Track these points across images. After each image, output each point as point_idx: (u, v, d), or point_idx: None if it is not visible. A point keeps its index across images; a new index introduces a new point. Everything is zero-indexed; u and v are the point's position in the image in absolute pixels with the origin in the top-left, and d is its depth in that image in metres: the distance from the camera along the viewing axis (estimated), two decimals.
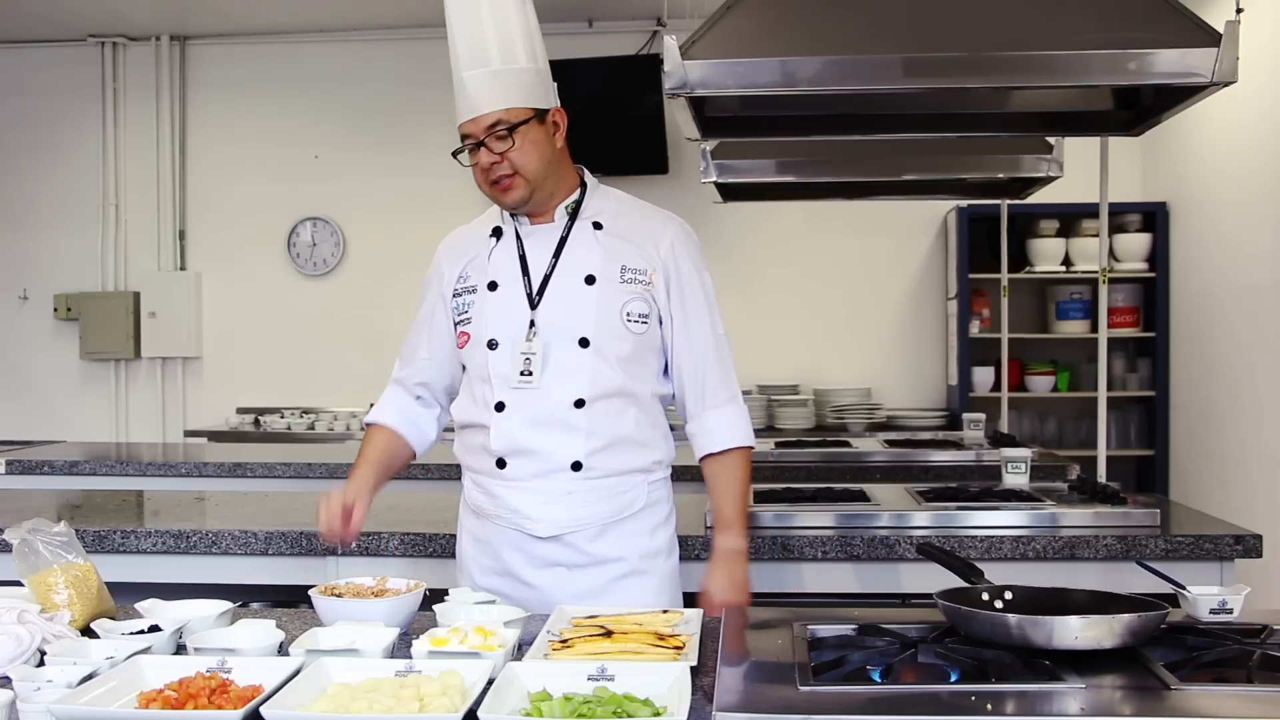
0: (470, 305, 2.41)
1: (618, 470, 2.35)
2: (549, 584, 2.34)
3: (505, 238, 2.43)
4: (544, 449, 2.31)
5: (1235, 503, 5.13)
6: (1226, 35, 2.29)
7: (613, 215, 2.43)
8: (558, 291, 2.35)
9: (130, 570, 2.81)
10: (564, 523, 2.34)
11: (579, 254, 2.37)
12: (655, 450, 2.41)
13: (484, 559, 2.43)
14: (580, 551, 2.35)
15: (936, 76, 2.16)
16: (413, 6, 6.55)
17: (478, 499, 2.43)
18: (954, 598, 1.85)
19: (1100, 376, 3.54)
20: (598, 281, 2.34)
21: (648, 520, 2.40)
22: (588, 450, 2.32)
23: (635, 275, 2.37)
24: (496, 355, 2.35)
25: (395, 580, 2.16)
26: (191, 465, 4.52)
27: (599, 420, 2.32)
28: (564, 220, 2.41)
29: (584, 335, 2.32)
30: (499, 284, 2.39)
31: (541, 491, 2.33)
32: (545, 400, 2.32)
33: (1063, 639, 1.66)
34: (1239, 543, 2.81)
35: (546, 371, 2.31)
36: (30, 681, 1.63)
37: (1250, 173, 5.12)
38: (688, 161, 6.30)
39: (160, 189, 7.22)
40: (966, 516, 2.95)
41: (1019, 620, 1.69)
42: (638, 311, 2.35)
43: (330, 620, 2.00)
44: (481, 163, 2.34)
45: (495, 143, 2.32)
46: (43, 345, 7.34)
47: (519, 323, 2.35)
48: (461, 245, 2.50)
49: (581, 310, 2.33)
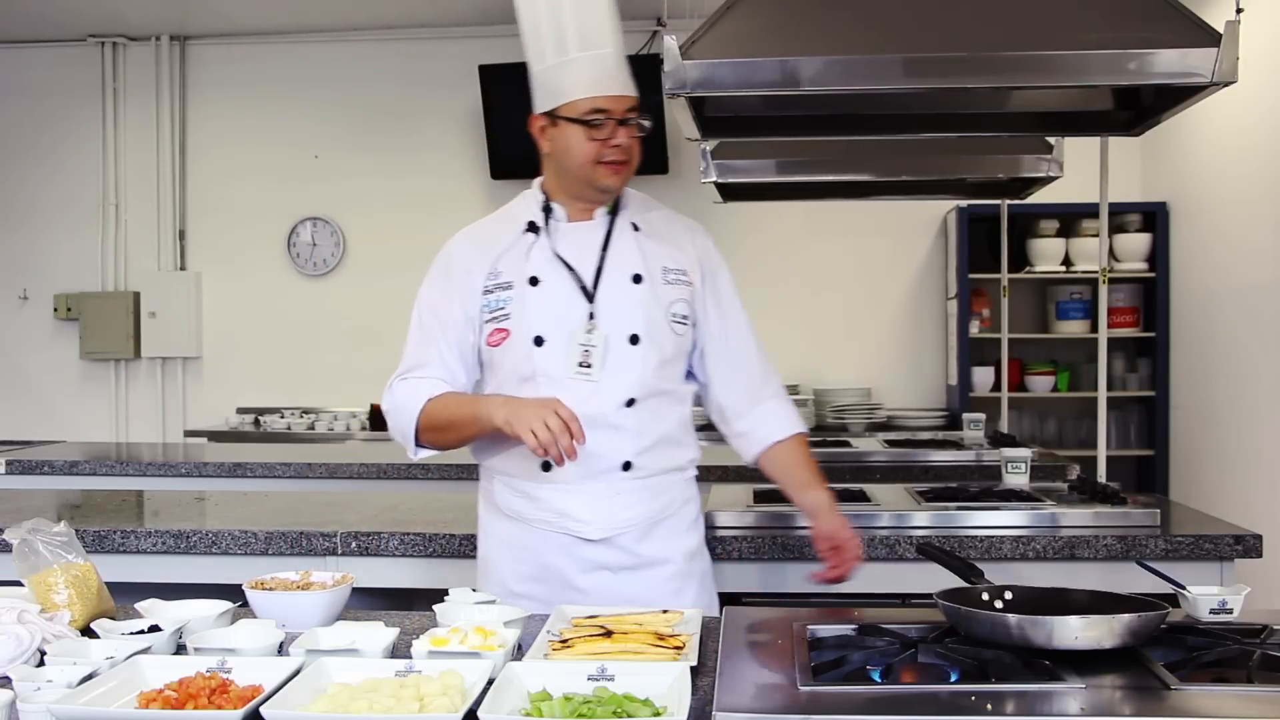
0: (507, 301, 2.35)
1: (661, 469, 2.36)
2: (595, 587, 2.32)
3: (543, 234, 2.38)
4: (595, 449, 2.27)
5: (1235, 503, 5.13)
6: (1226, 35, 2.29)
7: (645, 218, 2.43)
8: (609, 288, 2.33)
9: (130, 570, 2.81)
10: (614, 524, 2.32)
11: (623, 253, 2.36)
12: (691, 449, 2.43)
13: (520, 564, 2.38)
14: (629, 553, 2.33)
15: (937, 76, 2.16)
16: (413, 6, 6.55)
17: (514, 503, 2.38)
18: (954, 598, 1.85)
19: (1100, 376, 3.54)
20: (644, 280, 2.34)
21: (684, 519, 2.41)
22: (637, 450, 2.31)
23: (677, 276, 2.38)
24: (544, 352, 2.31)
25: (319, 574, 2.17)
26: (191, 465, 4.52)
27: (645, 419, 2.32)
28: (603, 219, 2.40)
29: (634, 332, 2.31)
30: (541, 279, 2.34)
31: (590, 493, 2.31)
32: (597, 399, 2.29)
33: (1063, 639, 1.66)
34: (1239, 543, 2.81)
35: (602, 367, 2.29)
36: (30, 681, 1.63)
37: (1250, 173, 5.12)
38: (688, 161, 6.30)
39: (160, 189, 7.22)
40: (966, 516, 2.95)
41: (1019, 620, 1.69)
42: (681, 313, 2.37)
43: (266, 614, 2.02)
44: (620, 141, 2.31)
45: (628, 127, 2.32)
46: (43, 345, 7.34)
47: (573, 316, 2.31)
48: (486, 241, 2.42)
49: (632, 308, 2.32)
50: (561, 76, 2.30)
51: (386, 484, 4.37)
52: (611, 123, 2.29)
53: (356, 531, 2.91)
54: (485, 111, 6.70)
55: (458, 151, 6.99)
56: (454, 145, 7.00)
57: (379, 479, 4.40)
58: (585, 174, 2.33)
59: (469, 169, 6.98)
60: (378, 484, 4.37)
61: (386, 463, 4.44)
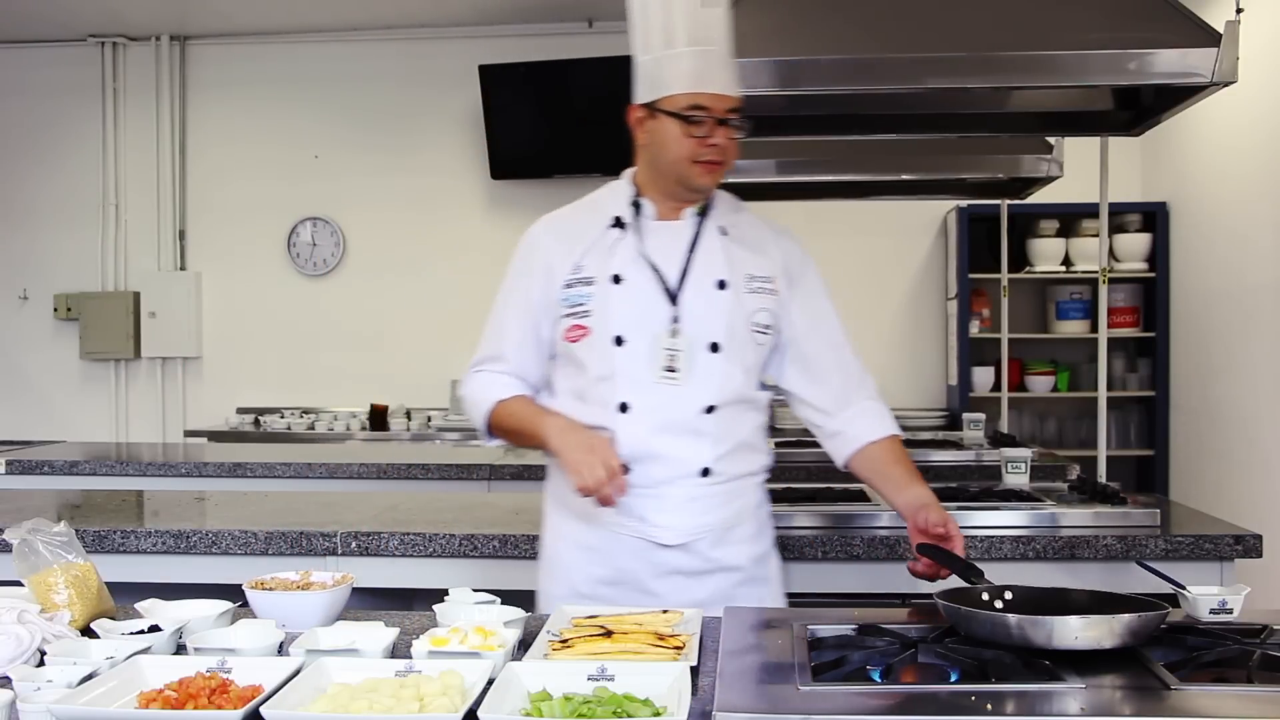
0: (588, 298, 2.29)
1: (738, 474, 2.33)
2: (668, 591, 2.29)
3: (629, 230, 2.32)
4: (674, 454, 2.25)
5: (1235, 503, 5.13)
6: (1226, 35, 2.29)
7: (732, 222, 2.37)
8: (692, 292, 2.28)
9: (130, 570, 2.81)
10: (690, 529, 2.28)
11: (709, 258, 2.31)
12: (764, 454, 2.41)
13: (592, 566, 2.33)
14: (703, 557, 2.30)
15: (937, 76, 2.17)
16: (413, 6, 6.56)
17: (587, 506, 2.29)
18: (954, 598, 1.85)
19: (1100, 376, 3.54)
20: (728, 287, 2.29)
21: (756, 523, 2.39)
22: (715, 455, 2.28)
23: (762, 284, 2.34)
24: (624, 352, 2.26)
25: (319, 574, 2.16)
26: (191, 465, 4.52)
27: (724, 425, 2.28)
28: (691, 221, 2.33)
29: (715, 340, 2.27)
30: (624, 278, 2.28)
31: (667, 497, 2.27)
32: (678, 404, 2.26)
33: (1063, 639, 1.66)
34: (1239, 543, 2.81)
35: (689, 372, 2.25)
36: (30, 681, 1.63)
37: (1250, 173, 5.12)
38: None
39: (160, 189, 7.22)
40: (966, 516, 2.94)
41: (1019, 620, 1.69)
42: (763, 323, 2.33)
43: (266, 614, 2.01)
44: (717, 140, 2.23)
45: (726, 128, 2.24)
46: (43, 345, 7.34)
47: (656, 319, 2.26)
48: (571, 233, 2.35)
49: (714, 314, 2.28)
50: (665, 69, 2.22)
51: (386, 484, 4.37)
52: (710, 121, 2.22)
53: (356, 531, 2.91)
54: (485, 111, 6.71)
55: (458, 151, 7.00)
56: (454, 145, 7.01)
57: (379, 479, 4.40)
58: (679, 171, 2.26)
59: (469, 169, 6.98)
60: (378, 484, 4.37)
61: (386, 463, 4.45)
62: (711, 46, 2.21)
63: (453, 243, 6.99)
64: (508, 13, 6.59)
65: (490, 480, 4.36)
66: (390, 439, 6.55)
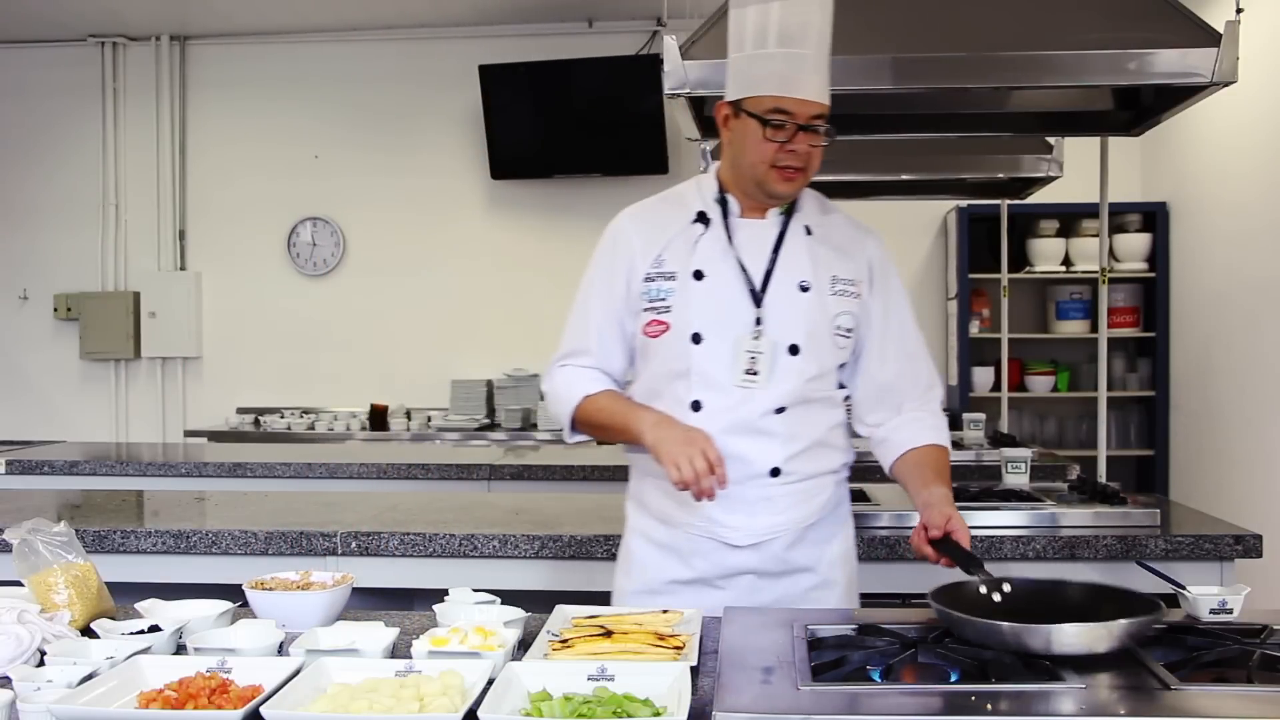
0: (669, 293, 2.25)
1: (812, 474, 2.28)
2: (740, 592, 2.26)
3: (714, 226, 2.27)
4: (743, 454, 2.20)
5: (1235, 503, 5.13)
6: (1226, 35, 2.29)
7: (818, 222, 2.31)
8: (775, 293, 2.23)
9: (130, 570, 2.81)
10: (761, 530, 2.25)
11: (793, 258, 2.26)
12: (844, 452, 2.36)
13: (669, 566, 2.30)
14: (776, 558, 2.26)
15: (937, 76, 2.16)
16: (413, 6, 6.56)
17: (663, 506, 2.29)
18: (948, 599, 1.83)
19: (1100, 376, 3.54)
20: (811, 290, 2.24)
21: (835, 523, 2.35)
22: (786, 455, 2.24)
23: (846, 287, 2.28)
24: (701, 350, 2.22)
25: (319, 574, 2.16)
26: (191, 465, 4.52)
27: (797, 425, 2.24)
28: (776, 219, 2.28)
29: (795, 342, 2.22)
30: (705, 274, 2.24)
31: (736, 498, 2.21)
32: (749, 405, 2.21)
33: (1059, 646, 1.65)
34: (1239, 543, 2.81)
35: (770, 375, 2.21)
36: (30, 681, 1.63)
37: (1250, 173, 5.12)
38: (688, 161, 6.30)
39: (160, 189, 7.22)
40: (966, 516, 2.86)
41: (1013, 628, 1.68)
42: (846, 326, 2.28)
43: (266, 614, 2.01)
44: (798, 148, 2.17)
45: (810, 134, 2.17)
46: (43, 345, 7.34)
47: (737, 320, 2.22)
48: (655, 225, 2.31)
49: (795, 317, 2.23)
50: (753, 68, 2.16)
51: (386, 484, 4.37)
52: (792, 126, 2.15)
53: (356, 531, 2.91)
54: (485, 111, 6.71)
55: (458, 151, 7.00)
56: (454, 145, 7.01)
57: (379, 479, 4.40)
58: (756, 174, 2.21)
59: (469, 169, 6.98)
60: (378, 484, 4.38)
61: (386, 463, 4.45)
62: (802, 50, 2.15)
63: (452, 243, 7.00)
64: (508, 13, 6.59)
65: (490, 480, 4.36)
66: (390, 439, 6.56)
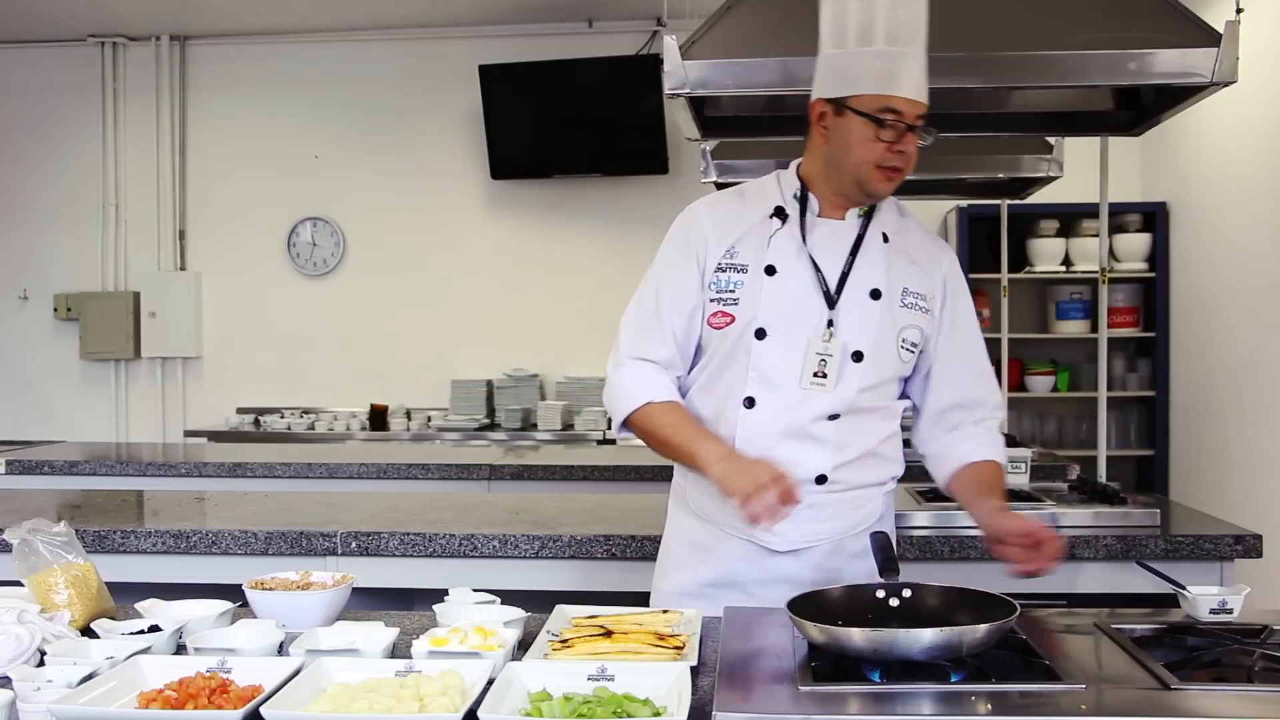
0: (739, 285, 2.21)
1: (860, 484, 2.24)
2: (774, 599, 2.16)
3: (790, 223, 2.23)
4: (790, 458, 2.14)
5: (1235, 503, 5.13)
6: (1226, 35, 2.29)
7: (895, 229, 2.27)
8: (848, 297, 2.19)
9: (130, 570, 2.81)
10: (801, 537, 2.21)
11: (869, 263, 2.21)
12: (895, 465, 2.32)
13: (701, 566, 2.28)
14: (816, 567, 2.22)
15: (937, 76, 2.16)
16: (413, 6, 6.56)
17: (703, 504, 2.26)
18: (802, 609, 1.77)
19: (1100, 376, 3.54)
20: (882, 298, 2.20)
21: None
22: (835, 463, 2.20)
23: (916, 300, 2.23)
24: (763, 346, 2.18)
25: (319, 574, 2.16)
26: (191, 465, 4.52)
27: (849, 434, 2.20)
28: (855, 221, 2.24)
29: (860, 349, 2.18)
30: (778, 270, 2.20)
31: None
32: (803, 408, 2.18)
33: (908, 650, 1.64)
34: (1239, 543, 2.81)
35: (837, 380, 2.17)
36: (30, 681, 1.63)
37: (1250, 173, 5.12)
38: (688, 161, 6.30)
39: (160, 189, 7.23)
40: (967, 516, 2.94)
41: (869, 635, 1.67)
42: (912, 340, 2.23)
43: (266, 614, 2.01)
44: (906, 148, 2.13)
45: (914, 134, 2.14)
46: (43, 345, 7.34)
47: (807, 319, 2.18)
48: (730, 217, 2.26)
49: (863, 323, 2.19)
50: (860, 65, 2.11)
51: (386, 484, 4.37)
52: (901, 126, 2.11)
53: (356, 531, 2.91)
54: (485, 111, 6.71)
55: (458, 151, 7.00)
56: (454, 145, 7.01)
57: (379, 479, 4.40)
58: (860, 174, 2.16)
59: (469, 169, 6.98)
60: (378, 484, 4.38)
61: (386, 463, 4.44)
62: (909, 49, 2.12)
63: (452, 243, 7.00)
64: (508, 13, 6.60)
65: (490, 480, 4.36)
66: (390, 439, 6.56)
